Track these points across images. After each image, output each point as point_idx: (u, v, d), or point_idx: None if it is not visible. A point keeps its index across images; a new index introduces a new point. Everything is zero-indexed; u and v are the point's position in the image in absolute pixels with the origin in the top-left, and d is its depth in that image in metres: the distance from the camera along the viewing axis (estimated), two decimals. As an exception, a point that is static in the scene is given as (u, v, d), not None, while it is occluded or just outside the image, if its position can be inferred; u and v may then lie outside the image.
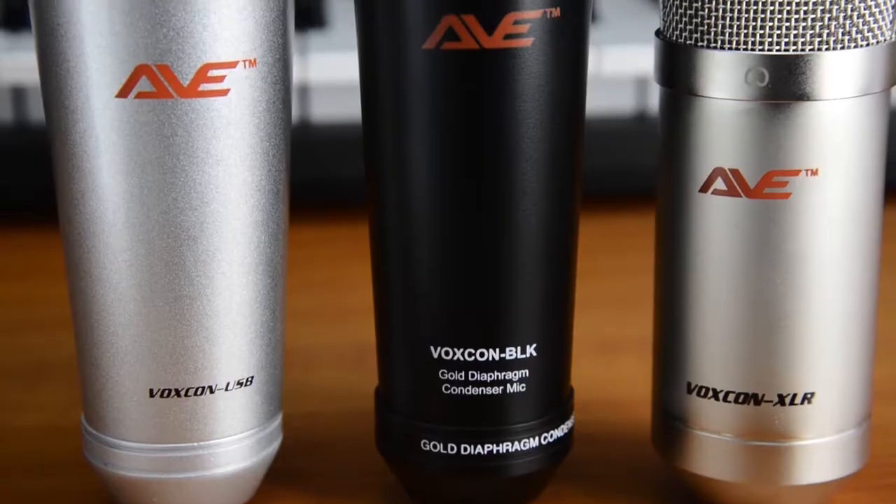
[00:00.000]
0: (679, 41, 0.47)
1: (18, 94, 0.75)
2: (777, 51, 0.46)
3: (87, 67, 0.45)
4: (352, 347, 0.63)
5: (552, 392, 0.50)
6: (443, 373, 0.49)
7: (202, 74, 0.46)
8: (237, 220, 0.47)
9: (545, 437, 0.50)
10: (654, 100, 0.76)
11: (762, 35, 0.46)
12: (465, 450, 0.49)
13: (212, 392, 0.48)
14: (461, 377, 0.49)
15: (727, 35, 0.46)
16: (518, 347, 0.49)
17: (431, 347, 0.49)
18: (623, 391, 0.59)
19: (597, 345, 0.63)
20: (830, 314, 0.48)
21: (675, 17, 0.47)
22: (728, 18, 0.46)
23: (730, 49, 0.46)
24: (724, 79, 0.46)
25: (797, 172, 0.46)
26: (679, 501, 0.51)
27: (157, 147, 0.46)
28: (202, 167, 0.46)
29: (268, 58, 0.47)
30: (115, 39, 0.45)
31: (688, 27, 0.47)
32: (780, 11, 0.45)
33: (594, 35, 0.55)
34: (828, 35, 0.46)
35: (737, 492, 0.49)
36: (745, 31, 0.46)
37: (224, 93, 0.46)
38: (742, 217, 0.47)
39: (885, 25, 0.46)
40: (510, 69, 0.46)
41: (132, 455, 0.49)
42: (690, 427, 0.50)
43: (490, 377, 0.49)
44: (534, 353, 0.49)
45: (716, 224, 0.48)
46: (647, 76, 0.75)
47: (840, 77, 0.46)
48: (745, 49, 0.46)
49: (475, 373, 0.49)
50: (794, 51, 0.46)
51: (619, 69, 0.76)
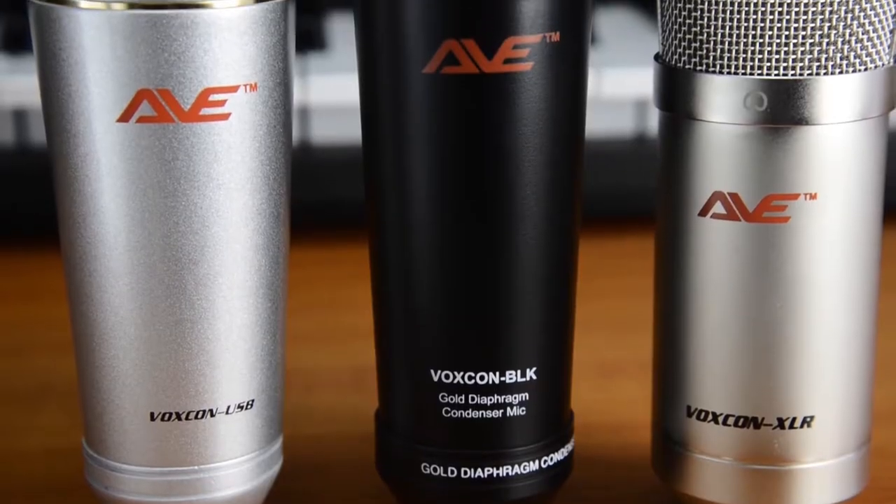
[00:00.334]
0: (678, 65, 0.47)
1: (20, 117, 0.76)
2: (776, 75, 0.46)
3: (89, 92, 0.46)
4: (352, 369, 0.63)
5: (552, 415, 0.50)
6: (443, 396, 0.49)
7: (203, 99, 0.46)
8: (238, 244, 0.48)
9: (545, 461, 0.50)
10: (654, 122, 0.76)
11: (761, 59, 0.46)
12: (466, 473, 0.49)
13: (212, 415, 0.48)
14: (461, 400, 0.49)
15: (726, 59, 0.46)
16: (518, 371, 0.49)
17: (432, 370, 0.49)
18: (623, 414, 0.59)
19: (596, 367, 0.63)
20: (830, 338, 0.48)
21: (674, 42, 0.48)
22: (727, 43, 0.46)
23: (728, 73, 0.46)
24: (723, 103, 0.46)
25: (796, 196, 0.47)
26: (679, 524, 0.51)
27: (159, 171, 0.46)
28: (203, 191, 0.47)
29: (269, 82, 0.47)
30: (117, 64, 0.45)
31: (687, 51, 0.47)
32: (779, 36, 0.46)
33: (594, 57, 0.56)
34: (826, 60, 0.46)
35: (737, 515, 0.49)
36: (744, 56, 0.46)
37: (225, 117, 0.46)
38: (741, 241, 0.47)
39: (883, 50, 0.47)
40: (510, 93, 0.46)
41: (133, 478, 0.49)
42: (690, 450, 0.50)
43: (490, 400, 0.49)
44: (534, 377, 0.49)
45: (715, 248, 0.48)
46: (647, 98, 0.76)
47: (838, 101, 0.46)
48: (744, 73, 0.46)
49: (475, 396, 0.49)
50: (793, 75, 0.46)
51: (619, 91, 0.76)
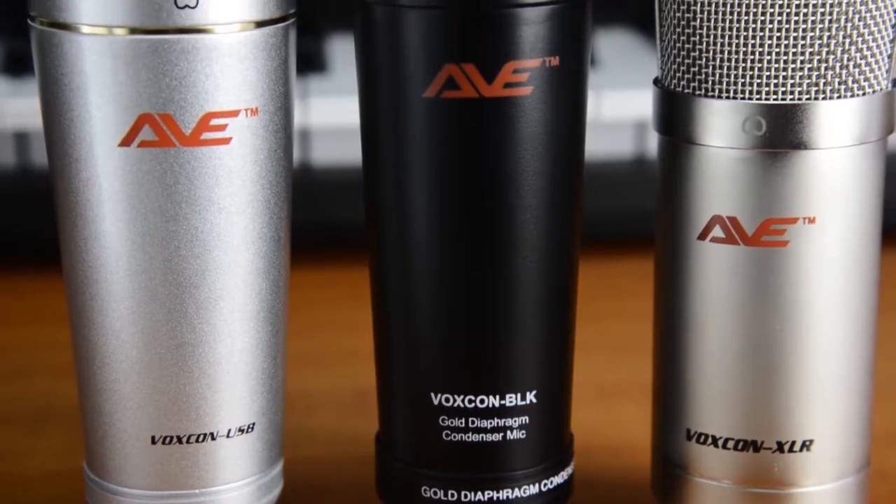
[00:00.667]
0: (677, 90, 0.48)
1: (21, 139, 0.76)
2: (774, 100, 0.46)
3: (91, 117, 0.46)
4: (352, 392, 0.63)
5: (552, 438, 0.50)
6: (443, 419, 0.49)
7: (204, 123, 0.46)
8: (239, 268, 0.48)
9: (545, 484, 0.50)
10: (653, 144, 0.77)
11: (759, 84, 0.46)
12: (466, 496, 0.49)
13: (213, 439, 0.48)
14: (461, 424, 0.49)
15: (724, 84, 0.47)
16: (518, 394, 0.49)
17: (432, 394, 0.49)
18: (623, 436, 0.59)
19: (596, 390, 0.63)
20: (829, 361, 0.48)
21: (673, 66, 0.48)
22: (725, 68, 0.46)
23: (727, 98, 0.47)
24: (722, 127, 0.46)
25: (795, 220, 0.47)
26: (679, 547, 0.51)
27: (160, 195, 0.46)
28: (204, 215, 0.47)
29: (269, 106, 0.47)
30: (119, 89, 0.45)
31: (685, 76, 0.47)
32: (777, 61, 0.46)
33: (593, 80, 0.56)
34: (824, 84, 0.46)
35: (737, 538, 0.49)
36: (743, 81, 0.46)
37: (226, 141, 0.46)
38: (740, 264, 0.47)
39: (881, 75, 0.47)
40: (510, 117, 0.47)
41: (134, 502, 0.49)
42: (690, 474, 0.50)
43: (490, 424, 0.49)
44: (534, 400, 0.49)
45: (714, 271, 0.48)
46: (646, 120, 0.76)
47: (837, 126, 0.46)
48: (743, 98, 0.46)
49: (475, 419, 0.49)
50: (791, 100, 0.46)
51: (618, 113, 0.76)
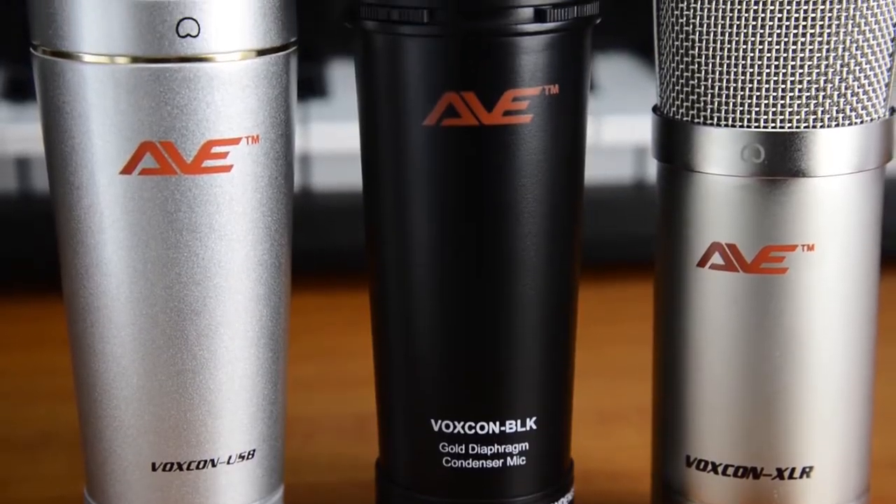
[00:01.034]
0: (676, 118, 0.48)
1: (22, 165, 0.76)
2: (773, 128, 0.46)
3: (93, 144, 0.46)
4: (353, 417, 0.63)
5: (552, 465, 0.50)
6: (443, 445, 0.49)
7: (205, 151, 0.46)
8: (239, 294, 0.48)
9: (545, 510, 0.50)
10: (652, 169, 0.77)
11: (758, 112, 0.46)
12: (466, 523, 0.49)
13: (214, 465, 0.49)
14: (461, 450, 0.49)
15: (723, 112, 0.47)
16: (518, 420, 0.49)
17: (432, 420, 0.49)
18: (622, 462, 0.59)
19: (596, 415, 0.63)
20: (828, 388, 0.48)
21: (672, 94, 0.48)
22: (724, 96, 0.47)
23: (726, 126, 0.47)
24: (721, 155, 0.47)
25: (794, 247, 0.47)
26: (679, 574, 0.51)
27: (161, 222, 0.47)
28: (205, 242, 0.47)
29: (270, 134, 0.47)
30: (121, 117, 0.46)
31: (684, 104, 0.48)
32: (776, 90, 0.46)
33: (593, 105, 0.56)
34: (822, 112, 0.46)
35: (737, 565, 0.49)
36: (741, 109, 0.47)
37: (227, 169, 0.47)
38: (740, 291, 0.47)
39: (879, 103, 0.47)
40: (509, 145, 0.47)
41: (134, 528, 0.49)
42: (690, 500, 0.50)
43: (490, 450, 0.49)
44: (534, 426, 0.49)
45: (714, 298, 0.48)
46: (646, 146, 0.76)
47: (835, 154, 0.46)
48: (741, 126, 0.47)
49: (475, 446, 0.49)
50: (790, 128, 0.46)
51: (618, 139, 0.77)
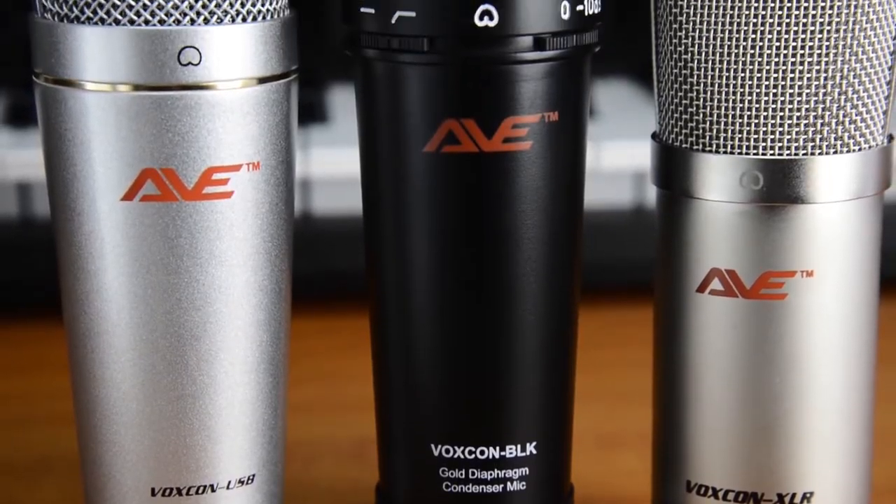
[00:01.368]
0: (675, 144, 0.48)
1: (24, 190, 0.76)
2: (771, 155, 0.47)
3: (94, 171, 0.46)
4: (353, 441, 0.63)
5: (552, 489, 0.50)
6: (443, 471, 0.49)
7: (206, 178, 0.46)
8: (239, 320, 0.48)
9: (545, 536, 0.50)
10: (652, 194, 0.77)
11: (756, 140, 0.47)
12: (466, 549, 0.49)
13: (213, 491, 0.49)
14: (461, 475, 0.49)
15: (722, 139, 0.47)
16: (518, 445, 0.49)
17: (432, 445, 0.49)
18: (623, 487, 0.59)
19: (596, 439, 0.63)
20: (828, 413, 0.48)
21: (671, 121, 0.48)
22: (722, 123, 0.47)
23: (725, 153, 0.47)
24: (720, 182, 0.47)
25: (793, 273, 0.47)
26: None
27: (162, 248, 0.47)
28: (205, 268, 0.47)
29: (271, 160, 0.48)
30: (122, 144, 0.46)
31: (683, 131, 0.48)
32: (774, 117, 0.46)
33: (592, 130, 0.56)
34: (821, 140, 0.46)
35: (737, 590, 0.49)
36: (740, 136, 0.47)
37: (228, 195, 0.47)
38: (739, 317, 0.48)
39: (877, 131, 0.47)
40: (509, 172, 0.47)
41: (134, 554, 0.49)
42: (690, 526, 0.50)
43: (490, 475, 0.49)
44: (534, 451, 0.49)
45: (713, 324, 0.48)
46: (645, 170, 0.76)
47: (833, 181, 0.46)
48: (740, 153, 0.47)
49: (475, 471, 0.49)
50: (788, 155, 0.46)
51: (618, 164, 0.77)
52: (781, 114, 0.46)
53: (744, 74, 0.46)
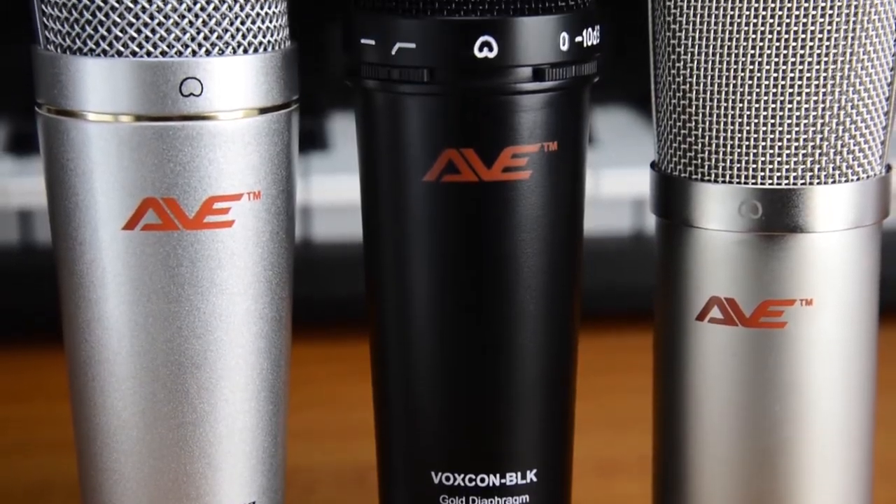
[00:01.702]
0: (674, 174, 0.48)
1: (25, 218, 0.76)
2: (770, 184, 0.47)
3: (96, 201, 0.46)
4: (353, 467, 0.63)
5: (552, 518, 0.50)
6: (444, 498, 0.49)
7: (207, 207, 0.47)
8: (240, 348, 0.48)
9: (546, 565, 0.50)
10: (651, 221, 0.77)
11: (755, 169, 0.47)
12: (466, 577, 0.49)
13: (214, 519, 0.49)
14: (462, 502, 0.49)
15: (721, 169, 0.47)
16: (518, 473, 0.49)
17: (432, 472, 0.49)
18: (623, 514, 0.59)
19: (596, 466, 0.63)
20: (828, 441, 0.48)
21: (670, 151, 0.48)
22: (721, 153, 0.47)
23: (723, 182, 0.47)
24: (719, 211, 0.47)
25: (792, 302, 0.47)
26: None
27: (163, 277, 0.47)
28: (206, 297, 0.47)
29: (272, 190, 0.48)
30: (124, 174, 0.46)
31: (682, 160, 0.48)
32: (772, 147, 0.47)
33: (592, 158, 0.57)
34: (819, 170, 0.47)
35: None
36: (738, 166, 0.47)
37: (229, 224, 0.47)
38: (738, 346, 0.48)
39: (875, 161, 0.48)
40: (509, 201, 0.47)
41: (134, 583, 0.49)
42: (690, 554, 0.50)
43: (490, 503, 0.49)
44: (534, 479, 0.49)
45: (713, 352, 0.48)
46: (644, 198, 0.77)
47: (832, 210, 0.47)
48: (739, 182, 0.47)
49: (476, 498, 0.49)
50: (787, 184, 0.47)
51: (617, 191, 0.77)
52: (780, 143, 0.47)
53: (742, 105, 0.46)
